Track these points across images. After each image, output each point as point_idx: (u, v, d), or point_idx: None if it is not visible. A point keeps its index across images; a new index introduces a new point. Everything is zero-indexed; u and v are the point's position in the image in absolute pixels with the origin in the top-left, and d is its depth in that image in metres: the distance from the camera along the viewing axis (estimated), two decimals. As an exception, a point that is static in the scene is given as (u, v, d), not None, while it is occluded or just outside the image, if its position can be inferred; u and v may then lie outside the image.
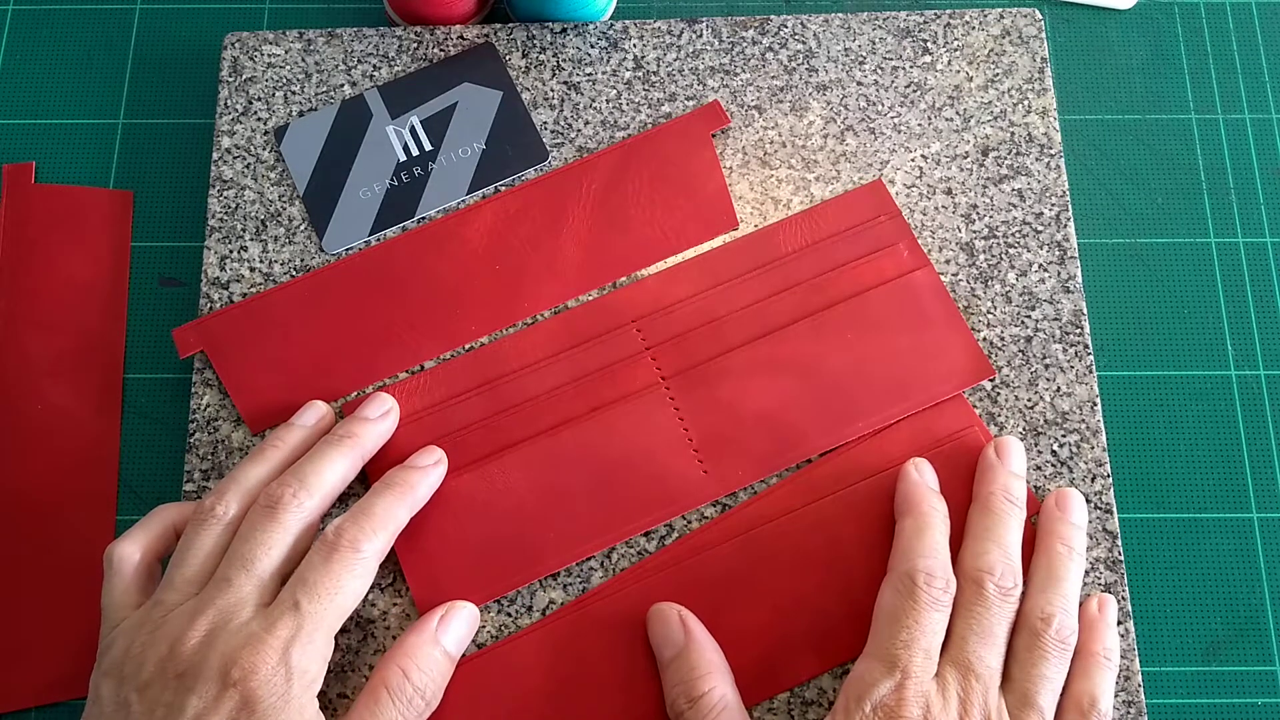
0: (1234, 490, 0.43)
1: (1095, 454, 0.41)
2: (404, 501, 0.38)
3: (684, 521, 0.40)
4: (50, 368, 0.44)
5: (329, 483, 0.37)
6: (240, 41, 0.46)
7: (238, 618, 0.33)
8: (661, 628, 0.38)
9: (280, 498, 0.36)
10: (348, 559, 0.35)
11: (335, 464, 0.38)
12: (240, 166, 0.44)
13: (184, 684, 0.32)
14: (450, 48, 0.46)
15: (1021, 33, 0.46)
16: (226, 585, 0.34)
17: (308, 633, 0.33)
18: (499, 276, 0.43)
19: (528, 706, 0.38)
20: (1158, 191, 0.47)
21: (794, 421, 0.41)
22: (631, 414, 0.41)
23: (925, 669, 0.35)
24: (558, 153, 0.45)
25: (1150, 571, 0.42)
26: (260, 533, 0.35)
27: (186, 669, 0.32)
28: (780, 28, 0.46)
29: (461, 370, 0.42)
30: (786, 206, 0.44)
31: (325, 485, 0.37)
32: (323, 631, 0.34)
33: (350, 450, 0.38)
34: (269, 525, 0.35)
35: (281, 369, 0.42)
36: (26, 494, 0.42)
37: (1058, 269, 0.43)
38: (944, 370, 0.41)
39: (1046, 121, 0.45)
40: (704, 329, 0.42)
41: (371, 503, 0.37)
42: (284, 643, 0.33)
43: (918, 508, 0.38)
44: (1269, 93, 0.48)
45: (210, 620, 0.33)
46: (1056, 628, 0.36)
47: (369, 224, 0.44)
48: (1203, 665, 0.41)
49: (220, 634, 0.33)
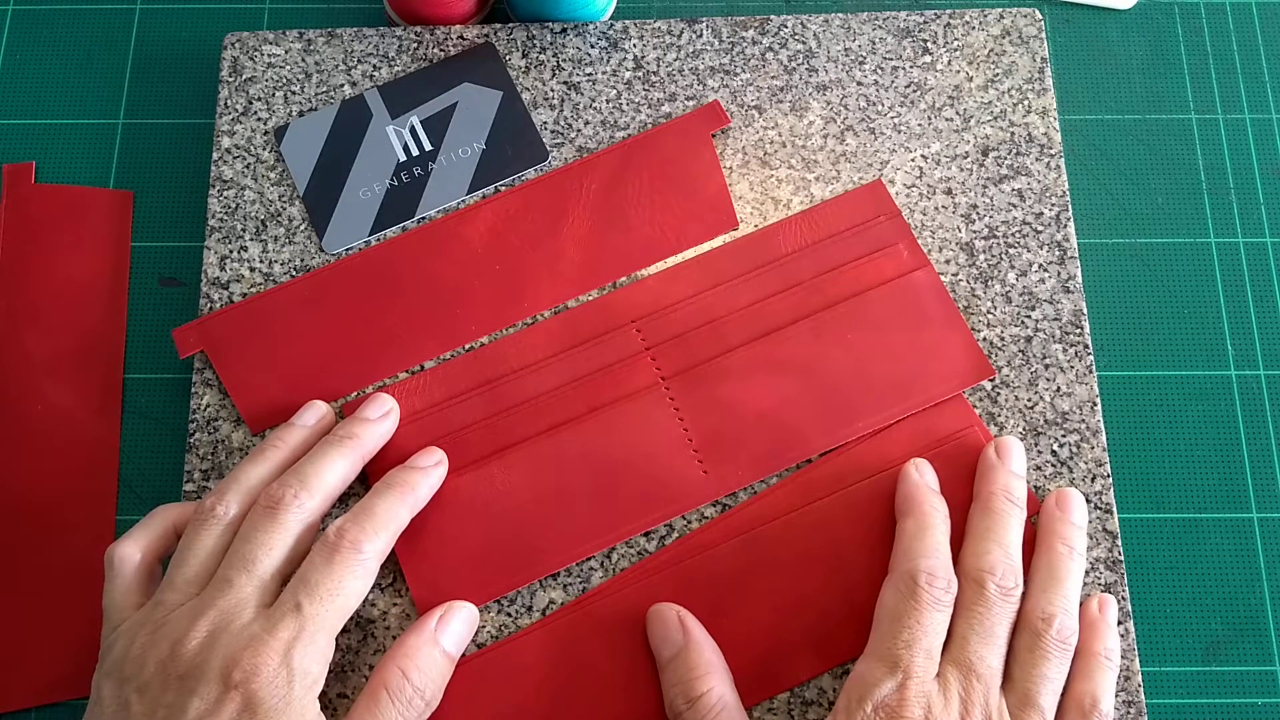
0: (1234, 490, 0.43)
1: (1095, 454, 0.41)
2: (405, 502, 0.38)
3: (684, 521, 0.40)
4: (50, 368, 0.44)
5: (329, 483, 0.37)
6: (240, 41, 0.46)
7: (239, 619, 0.33)
8: (660, 628, 0.38)
9: (281, 498, 0.36)
10: (349, 560, 0.35)
11: (336, 464, 0.38)
12: (240, 166, 0.44)
13: (185, 685, 0.32)
14: (450, 48, 0.46)
15: (1021, 33, 0.46)
16: (228, 586, 0.34)
17: (309, 634, 0.33)
18: (499, 276, 0.43)
19: (528, 706, 0.38)
20: (1158, 191, 0.47)
21: (794, 421, 0.41)
22: (631, 414, 0.41)
23: (927, 669, 0.35)
24: (558, 153, 0.45)
25: (1150, 571, 0.42)
26: (261, 533, 0.35)
27: (188, 670, 0.32)
28: (780, 28, 0.46)
29: (461, 370, 0.42)
30: (786, 206, 0.44)
31: (325, 485, 0.37)
32: (324, 633, 0.34)
33: (351, 451, 0.38)
34: (270, 526, 0.35)
35: (281, 369, 0.42)
36: (26, 494, 0.42)
37: (1058, 269, 0.43)
38: (944, 370, 0.41)
39: (1046, 121, 0.45)
40: (704, 329, 0.42)
41: (372, 503, 0.37)
42: (286, 644, 0.33)
43: (919, 508, 0.38)
44: (1269, 93, 0.48)
45: (212, 621, 0.33)
46: (1058, 628, 0.36)
47: (369, 224, 0.44)
48: (1203, 665, 0.41)
49: (222, 635, 0.33)
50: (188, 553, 0.36)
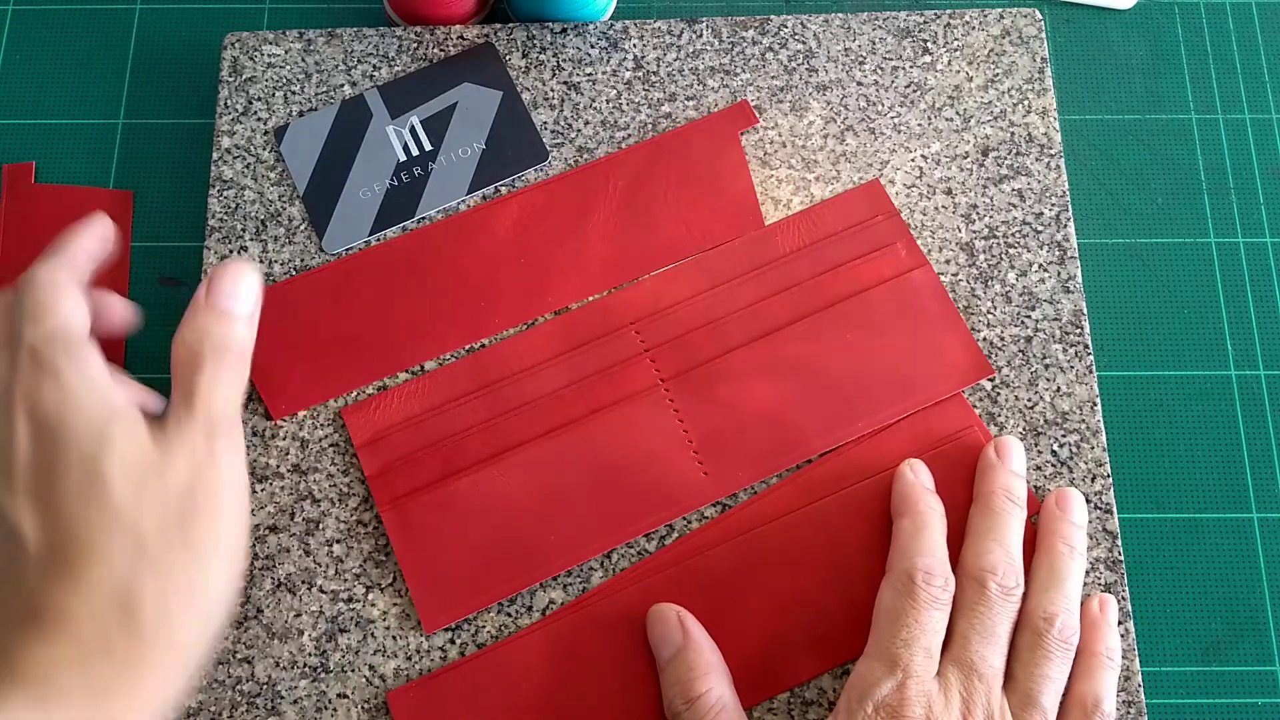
0: (1234, 490, 0.43)
1: (1095, 454, 0.41)
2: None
3: (684, 522, 0.40)
4: (50, 368, 0.44)
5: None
6: (240, 41, 0.46)
7: None
8: (660, 628, 0.38)
9: None
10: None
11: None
12: (240, 166, 0.44)
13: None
14: (450, 48, 0.46)
15: (1021, 33, 0.46)
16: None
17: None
18: (524, 270, 0.43)
19: (527, 706, 0.38)
20: (1158, 191, 0.47)
21: (793, 422, 0.41)
22: (631, 416, 0.41)
23: (926, 668, 0.35)
24: (558, 153, 0.45)
25: (1150, 571, 0.42)
26: None
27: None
28: (780, 28, 0.46)
29: (461, 373, 0.42)
30: (786, 206, 0.44)
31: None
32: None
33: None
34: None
35: (305, 355, 0.42)
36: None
37: (1058, 269, 0.43)
38: (943, 370, 0.41)
39: (1046, 121, 0.45)
40: (703, 330, 0.42)
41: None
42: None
43: (914, 507, 0.38)
44: (1269, 93, 0.48)
45: None
46: (1059, 628, 0.36)
47: (369, 224, 0.44)
48: (1203, 665, 0.41)
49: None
50: None
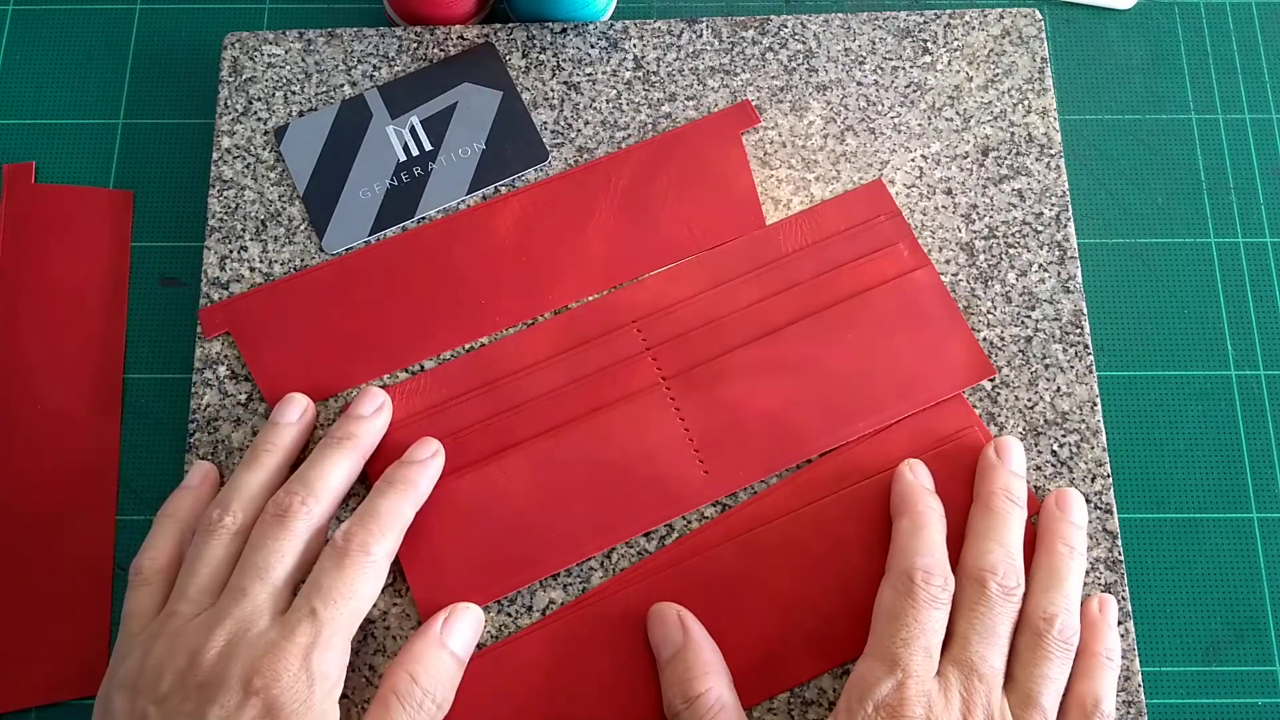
0: (1234, 490, 0.43)
1: (1095, 454, 0.41)
2: (407, 498, 0.38)
3: (684, 522, 0.40)
4: (50, 368, 0.44)
5: (333, 486, 0.37)
6: (240, 41, 0.46)
7: (256, 626, 0.34)
8: (660, 628, 0.38)
9: (289, 506, 0.36)
10: (359, 562, 0.35)
11: (338, 466, 0.38)
12: (240, 166, 0.44)
13: (205, 694, 0.32)
14: (450, 48, 0.46)
15: (1021, 33, 0.46)
16: (242, 595, 0.34)
17: (326, 638, 0.34)
18: (525, 269, 0.43)
19: (528, 706, 0.38)
20: (1158, 191, 0.47)
21: (794, 421, 0.41)
22: (632, 414, 0.41)
23: (926, 668, 0.35)
24: (558, 153, 0.45)
25: (1150, 571, 0.42)
26: (272, 541, 0.35)
27: (207, 679, 0.32)
28: (780, 28, 0.46)
29: (461, 371, 0.42)
30: (786, 206, 0.44)
31: (330, 489, 0.37)
32: (340, 636, 0.34)
33: (351, 450, 0.38)
34: (280, 533, 0.35)
35: (306, 352, 0.42)
36: (26, 494, 0.42)
37: (1058, 269, 0.43)
38: (944, 370, 0.41)
39: (1046, 121, 0.45)
40: (704, 329, 0.42)
41: (376, 504, 0.37)
42: (304, 649, 0.33)
43: (913, 507, 0.38)
44: (1269, 93, 0.48)
45: (229, 630, 0.33)
46: (1060, 628, 0.36)
47: (369, 224, 0.44)
48: (1203, 665, 0.41)
49: (240, 643, 0.33)
50: (198, 563, 0.36)
